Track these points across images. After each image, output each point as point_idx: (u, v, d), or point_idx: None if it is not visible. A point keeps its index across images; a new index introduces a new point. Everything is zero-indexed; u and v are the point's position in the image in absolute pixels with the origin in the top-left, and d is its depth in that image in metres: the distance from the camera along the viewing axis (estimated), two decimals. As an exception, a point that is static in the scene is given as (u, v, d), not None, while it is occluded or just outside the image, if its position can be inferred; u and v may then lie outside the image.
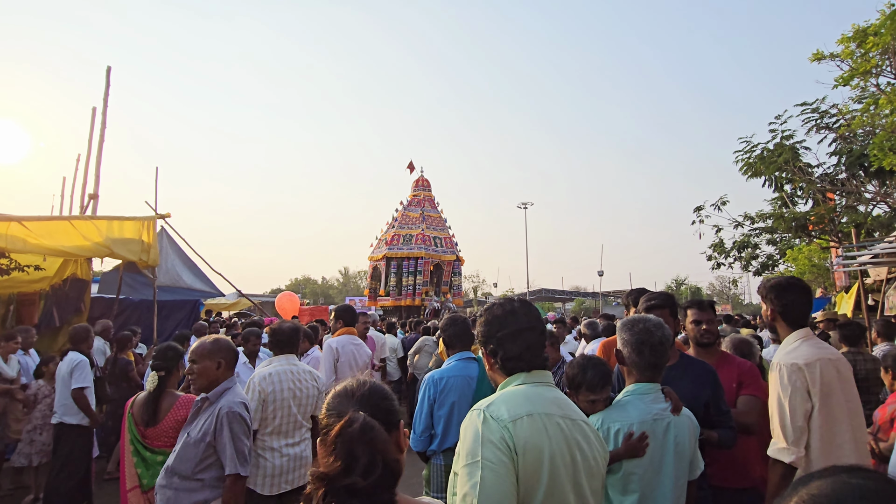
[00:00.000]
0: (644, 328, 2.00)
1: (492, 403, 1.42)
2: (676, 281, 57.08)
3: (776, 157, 12.16)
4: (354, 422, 1.09)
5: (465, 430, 1.40)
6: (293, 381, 3.22)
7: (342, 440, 1.06)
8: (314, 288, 67.59)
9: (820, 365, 2.13)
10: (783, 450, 2.13)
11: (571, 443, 1.40)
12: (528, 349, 1.53)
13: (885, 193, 10.38)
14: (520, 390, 1.47)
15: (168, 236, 9.28)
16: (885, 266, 9.68)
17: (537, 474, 1.31)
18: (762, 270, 17.69)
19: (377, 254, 23.50)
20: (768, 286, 2.36)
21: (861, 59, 6.90)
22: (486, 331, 1.59)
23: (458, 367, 3.12)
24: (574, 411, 1.51)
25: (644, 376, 2.00)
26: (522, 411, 1.38)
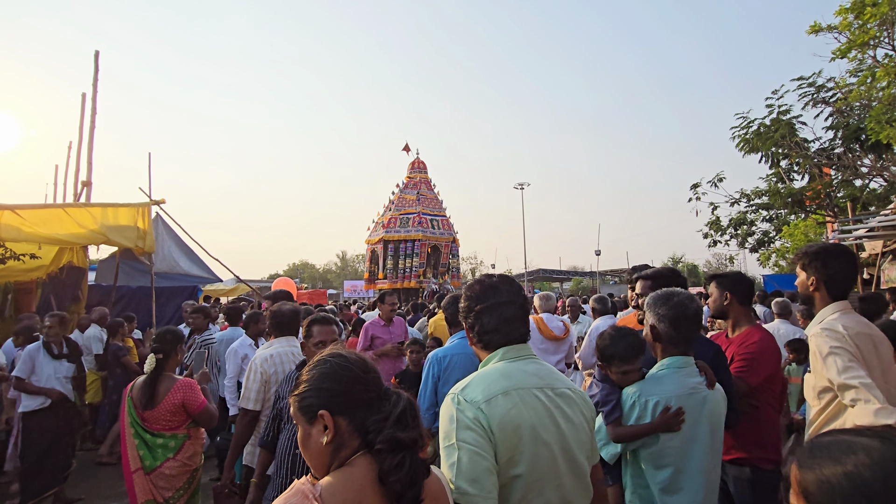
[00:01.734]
0: (679, 301, 1.97)
1: (466, 386, 1.43)
2: (673, 259, 57.31)
3: (773, 133, 12.11)
4: (412, 400, 1.23)
5: (442, 414, 1.42)
6: (294, 363, 3.24)
7: (412, 415, 1.18)
8: (312, 273, 67.61)
9: (861, 337, 1.99)
10: (881, 410, 1.75)
11: (554, 412, 1.42)
12: (506, 323, 1.53)
13: (882, 167, 10.37)
14: (497, 367, 1.48)
15: (164, 223, 9.23)
16: (881, 239, 9.72)
17: (518, 447, 1.34)
18: (758, 247, 17.78)
19: (374, 237, 23.48)
20: (812, 252, 2.19)
21: (859, 31, 6.82)
22: (466, 306, 1.62)
23: (462, 345, 3.16)
24: (558, 380, 1.51)
25: (678, 350, 1.98)
26: (497, 389, 1.39)
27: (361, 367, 1.26)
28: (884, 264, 11.06)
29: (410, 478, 1.09)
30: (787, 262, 26.52)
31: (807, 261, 2.19)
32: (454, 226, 24.27)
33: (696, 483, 1.89)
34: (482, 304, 1.56)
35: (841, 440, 0.74)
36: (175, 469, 2.96)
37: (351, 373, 1.24)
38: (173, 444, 2.99)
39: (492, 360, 1.54)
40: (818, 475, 0.71)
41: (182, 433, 3.04)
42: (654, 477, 1.90)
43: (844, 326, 2.01)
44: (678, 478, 1.87)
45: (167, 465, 2.94)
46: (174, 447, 2.99)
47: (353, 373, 1.24)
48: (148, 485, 2.88)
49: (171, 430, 3.00)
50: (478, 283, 1.63)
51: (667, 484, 1.87)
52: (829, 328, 2.02)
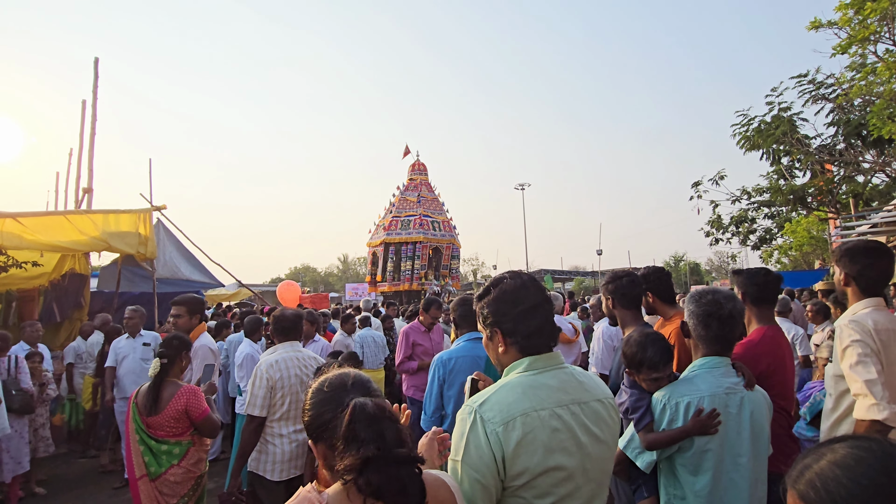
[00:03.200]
0: (713, 300, 1.90)
1: (486, 401, 1.33)
2: (675, 257, 57.16)
3: (773, 130, 12.10)
4: (366, 404, 1.08)
5: (458, 422, 1.35)
6: (299, 368, 3.22)
7: (364, 423, 1.05)
8: (314, 276, 67.66)
9: (888, 333, 2.01)
10: (873, 406, 1.92)
11: (577, 429, 1.33)
12: (548, 323, 1.44)
13: (884, 162, 10.34)
14: (521, 382, 1.37)
15: (165, 228, 9.22)
16: (884, 235, 9.69)
17: (532, 474, 1.27)
18: (760, 245, 17.77)
19: (376, 240, 23.48)
20: (843, 249, 2.24)
21: (859, 27, 6.80)
22: (498, 308, 1.45)
23: (467, 348, 3.12)
24: (586, 391, 1.41)
25: (712, 349, 1.89)
26: (517, 411, 1.30)
27: (332, 386, 1.24)
28: (887, 260, 11.00)
29: (396, 489, 1.03)
30: (790, 260, 26.52)
31: (838, 257, 2.26)
32: (455, 227, 24.27)
33: (740, 494, 1.75)
34: (520, 305, 1.42)
35: (819, 449, 0.74)
36: (179, 476, 2.94)
37: (320, 396, 1.25)
38: (178, 451, 2.96)
39: (516, 368, 1.42)
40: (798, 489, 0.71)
41: (186, 440, 3.01)
42: (692, 485, 1.78)
43: (874, 321, 2.03)
44: (718, 486, 1.76)
45: (171, 471, 2.92)
46: (178, 454, 2.96)
47: (322, 395, 1.24)
48: (153, 492, 2.86)
49: (175, 437, 2.97)
50: (510, 282, 1.48)
51: (706, 492, 1.75)
52: (858, 321, 2.05)
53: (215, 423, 3.10)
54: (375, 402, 1.10)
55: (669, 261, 57.08)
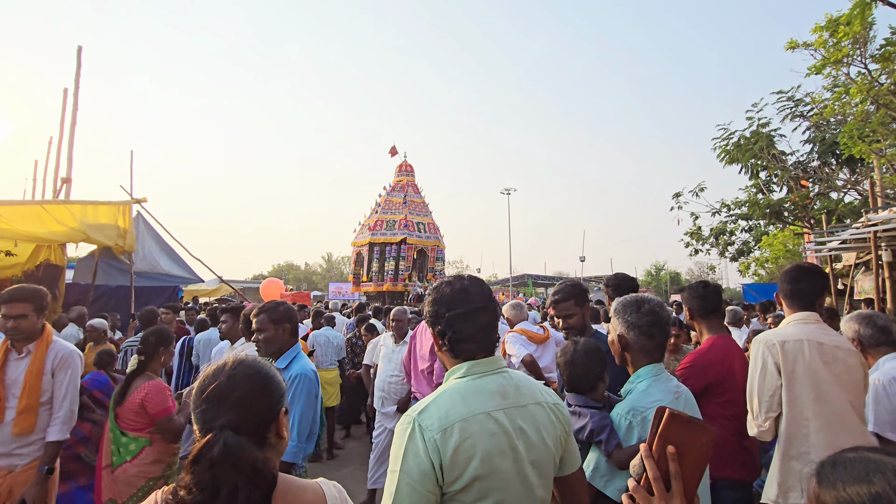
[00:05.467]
0: (650, 309, 1.91)
1: (425, 409, 1.34)
2: (656, 266, 57.97)
3: (752, 145, 12.39)
4: (214, 444, 1.00)
5: (397, 433, 1.33)
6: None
7: (202, 466, 0.98)
8: (297, 274, 67.10)
9: (791, 345, 2.15)
10: (750, 421, 2.20)
11: (513, 434, 1.34)
12: (481, 330, 1.44)
13: (856, 181, 10.67)
14: (459, 388, 1.38)
15: (145, 221, 9.15)
16: (854, 251, 9.99)
17: (469, 477, 1.28)
18: (738, 256, 18.13)
19: (361, 239, 23.43)
20: (781, 271, 2.46)
21: (833, 49, 7.04)
22: (435, 310, 1.47)
23: None
24: (526, 395, 1.43)
25: (654, 357, 1.90)
26: (455, 417, 1.30)
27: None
28: (857, 275, 11.36)
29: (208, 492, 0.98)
30: (767, 272, 27.09)
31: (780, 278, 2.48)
32: (440, 230, 24.33)
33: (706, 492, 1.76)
34: (455, 309, 1.43)
35: (868, 458, 0.70)
36: (131, 473, 2.84)
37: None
38: (133, 448, 2.89)
39: (455, 373, 1.43)
40: (839, 494, 0.68)
41: (144, 437, 2.91)
42: None
43: (783, 335, 2.20)
44: None
45: (124, 467, 2.85)
46: (134, 450, 2.88)
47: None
48: (112, 483, 2.83)
49: (134, 431, 2.90)
50: (447, 286, 1.49)
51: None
52: (765, 338, 2.25)
53: (175, 425, 2.95)
54: (225, 444, 1.01)
55: (651, 269, 57.86)
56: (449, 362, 1.48)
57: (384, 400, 4.65)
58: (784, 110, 11.54)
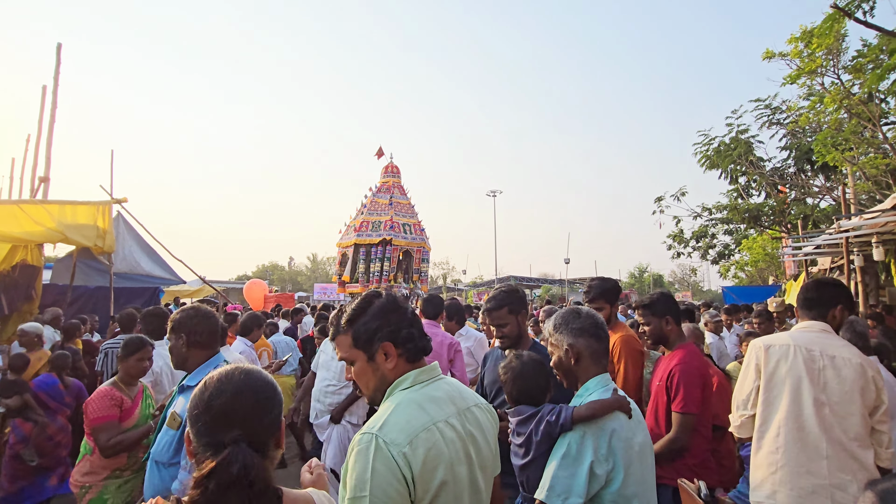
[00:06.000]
0: (588, 313, 1.87)
1: (384, 424, 1.28)
2: (639, 269, 58.64)
3: (731, 151, 12.67)
4: (233, 462, 0.98)
5: (354, 455, 1.24)
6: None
7: (218, 485, 0.96)
8: (282, 274, 66.55)
9: (776, 349, 2.20)
10: (732, 415, 2.30)
11: (466, 440, 1.35)
12: (423, 335, 1.48)
13: (830, 188, 10.95)
14: (411, 397, 1.36)
15: (125, 222, 9.04)
16: (829, 256, 10.25)
17: (435, 489, 1.25)
18: (719, 259, 18.50)
19: (346, 240, 23.34)
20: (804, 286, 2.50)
21: (808, 59, 7.24)
22: (389, 320, 1.44)
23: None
24: (468, 398, 1.46)
25: (601, 365, 1.82)
26: (418, 426, 1.28)
27: None
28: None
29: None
30: (746, 275, 27.59)
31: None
32: (426, 231, 24.36)
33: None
34: (405, 315, 1.46)
35: None
36: (74, 475, 2.78)
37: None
38: (83, 451, 2.80)
39: (402, 385, 1.40)
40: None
41: (91, 444, 2.76)
42: None
43: (772, 339, 2.26)
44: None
45: (77, 466, 2.78)
46: (82, 453, 2.80)
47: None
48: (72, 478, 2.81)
49: (87, 435, 2.79)
50: (375, 297, 1.50)
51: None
52: (757, 340, 2.32)
53: (104, 438, 2.67)
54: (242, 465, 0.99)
55: (634, 271, 58.52)
56: (397, 372, 1.42)
57: (319, 412, 4.18)
58: (762, 118, 11.85)
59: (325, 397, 4.17)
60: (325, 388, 4.18)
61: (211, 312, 2.41)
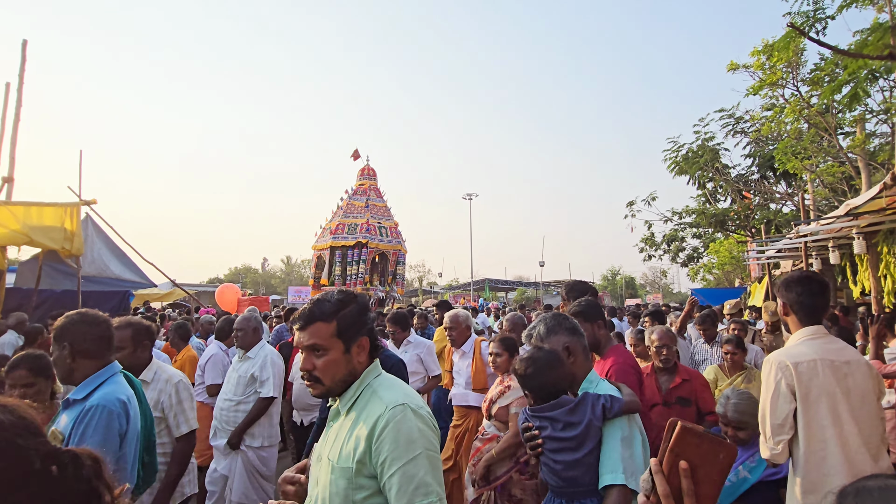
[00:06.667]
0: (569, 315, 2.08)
1: (406, 394, 1.48)
2: (612, 271, 59.78)
3: (699, 158, 13.10)
4: None
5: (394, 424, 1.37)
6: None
7: None
8: (255, 277, 65.41)
9: (809, 366, 2.08)
10: (762, 443, 2.15)
11: None
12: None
13: (791, 194, 11.44)
14: (390, 380, 1.57)
15: (94, 224, 8.81)
16: (790, 259, 10.71)
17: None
18: (688, 262, 19.06)
19: (322, 243, 23.17)
20: (781, 281, 2.35)
21: (769, 72, 7.59)
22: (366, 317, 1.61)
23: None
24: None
25: (590, 359, 2.05)
26: (420, 400, 1.51)
27: None
28: (793, 281, 12.14)
29: None
30: (714, 277, 28.46)
31: (777, 287, 2.40)
32: (402, 234, 24.37)
33: None
34: (372, 318, 1.65)
35: (891, 485, 0.67)
36: None
37: None
38: None
39: (372, 373, 1.56)
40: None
41: None
42: None
43: (795, 356, 2.12)
44: None
45: None
46: None
47: None
48: None
49: None
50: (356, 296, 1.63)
51: None
52: (779, 359, 2.15)
53: None
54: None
55: (607, 274, 59.60)
56: (363, 367, 1.56)
57: (217, 430, 3.73)
58: (727, 126, 12.28)
59: (221, 413, 3.71)
60: (222, 404, 3.74)
61: (101, 318, 2.18)
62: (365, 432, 1.38)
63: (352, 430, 1.44)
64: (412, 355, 4.71)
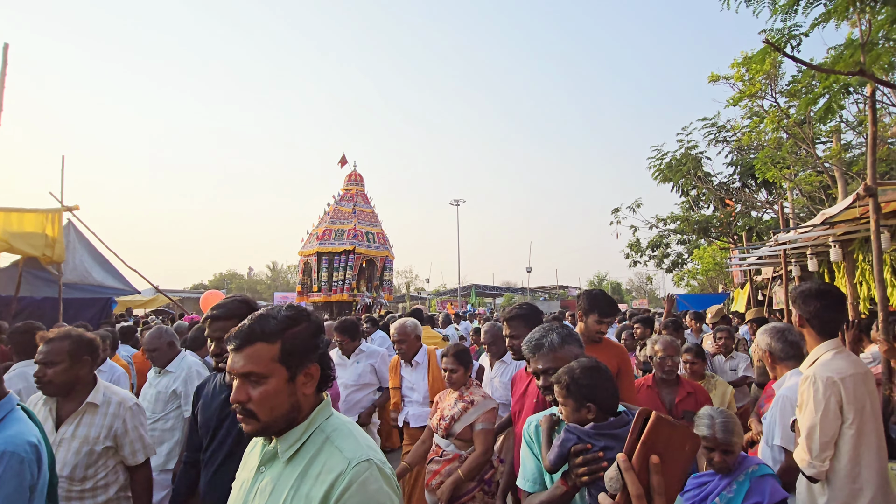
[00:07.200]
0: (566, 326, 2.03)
1: (370, 448, 1.28)
2: (598, 277, 60.33)
3: (682, 166, 13.35)
4: None
5: (358, 484, 1.15)
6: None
7: None
8: (240, 283, 64.77)
9: (854, 380, 2.10)
10: (805, 461, 2.10)
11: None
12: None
13: (771, 202, 11.70)
14: (347, 426, 1.36)
15: (76, 230, 8.71)
16: (771, 266, 10.93)
17: None
18: (673, 268, 19.34)
19: (308, 249, 23.08)
20: (797, 292, 2.31)
21: (748, 83, 7.80)
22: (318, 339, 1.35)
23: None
24: None
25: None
26: (381, 454, 1.34)
27: None
28: (774, 287, 12.40)
29: None
30: (698, 283, 28.88)
31: (793, 299, 2.35)
32: (389, 240, 24.38)
33: None
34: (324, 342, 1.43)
35: None
36: None
37: None
38: None
39: (323, 413, 1.32)
40: None
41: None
42: None
43: (839, 371, 2.12)
44: None
45: None
46: None
47: None
48: None
49: None
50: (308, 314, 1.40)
51: None
52: (822, 375, 2.12)
53: None
54: None
55: (593, 279, 60.13)
56: (310, 401, 1.31)
57: None
58: (709, 135, 12.54)
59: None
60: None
61: None
62: (319, 493, 1.14)
63: (298, 485, 1.18)
64: (364, 366, 4.40)
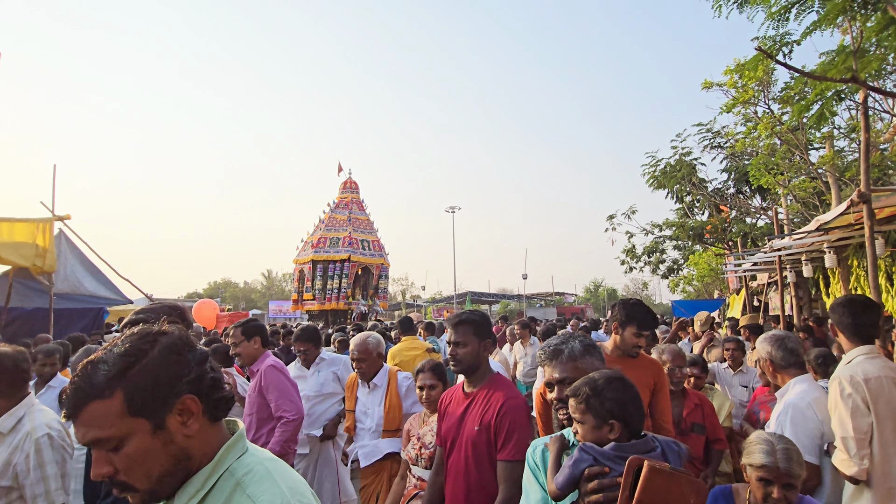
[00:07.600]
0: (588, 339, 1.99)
1: (294, 491, 1.05)
2: (594, 283, 60.39)
3: (676, 172, 13.40)
4: None
5: None
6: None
7: None
8: (235, 292, 64.43)
9: (879, 382, 2.19)
10: (844, 461, 2.17)
11: None
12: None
13: (766, 208, 11.73)
14: (268, 465, 1.12)
15: (68, 240, 8.62)
16: (766, 272, 10.96)
17: None
18: (668, 274, 19.37)
19: (303, 256, 22.99)
20: (833, 304, 2.43)
21: (742, 90, 7.84)
22: (181, 363, 1.02)
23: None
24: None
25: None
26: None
27: None
28: (770, 293, 12.42)
29: None
30: (694, 289, 28.94)
31: (830, 309, 2.49)
32: (385, 247, 24.33)
33: None
34: (202, 357, 1.09)
35: None
36: None
37: None
38: None
39: (233, 453, 1.06)
40: None
41: None
42: None
43: (864, 372, 2.23)
44: None
45: None
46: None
47: None
48: None
49: None
50: (159, 336, 1.03)
51: None
52: (849, 375, 2.24)
53: None
54: None
55: (590, 286, 60.22)
56: (204, 440, 1.03)
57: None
58: (704, 141, 12.60)
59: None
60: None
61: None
62: None
63: None
64: (326, 374, 4.20)
